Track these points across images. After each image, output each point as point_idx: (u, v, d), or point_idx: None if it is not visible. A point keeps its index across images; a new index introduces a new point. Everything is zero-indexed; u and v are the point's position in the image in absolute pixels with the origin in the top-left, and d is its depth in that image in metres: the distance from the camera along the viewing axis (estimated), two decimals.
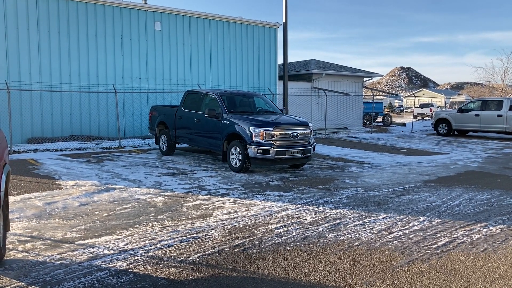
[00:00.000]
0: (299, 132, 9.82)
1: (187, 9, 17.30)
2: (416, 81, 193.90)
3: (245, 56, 19.01)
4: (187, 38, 17.29)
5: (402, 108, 73.01)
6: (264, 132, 9.46)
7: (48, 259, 4.44)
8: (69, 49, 14.73)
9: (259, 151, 9.44)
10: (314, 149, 10.25)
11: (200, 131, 11.12)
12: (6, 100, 12.70)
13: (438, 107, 52.09)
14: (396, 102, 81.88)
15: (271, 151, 9.41)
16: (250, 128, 9.57)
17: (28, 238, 5.09)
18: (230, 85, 18.52)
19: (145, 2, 16.99)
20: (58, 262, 4.38)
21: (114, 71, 15.63)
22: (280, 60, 19.59)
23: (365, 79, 25.33)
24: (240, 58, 18.87)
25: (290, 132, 9.68)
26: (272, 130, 9.49)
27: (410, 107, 72.96)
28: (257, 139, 9.48)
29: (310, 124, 10.25)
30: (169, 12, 16.79)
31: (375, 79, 26.87)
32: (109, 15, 15.45)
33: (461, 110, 20.83)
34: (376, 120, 28.97)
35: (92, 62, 15.20)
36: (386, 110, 44.55)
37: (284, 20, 16.91)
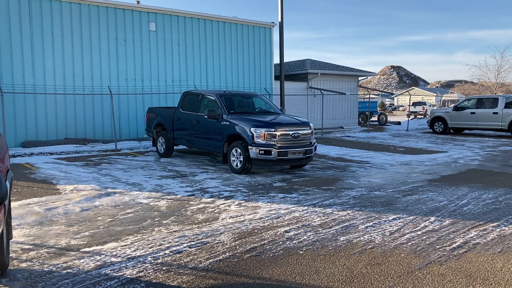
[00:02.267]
0: (300, 132, 9.70)
1: (181, 9, 17.11)
2: (407, 79, 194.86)
3: (240, 56, 18.86)
4: (182, 38, 17.11)
5: (393, 106, 73.25)
6: (266, 132, 9.33)
7: (54, 268, 4.27)
8: (63, 51, 14.48)
9: (260, 152, 9.30)
10: (315, 150, 10.14)
11: (199, 133, 10.96)
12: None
13: (430, 105, 52.34)
14: (387, 101, 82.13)
15: (273, 152, 9.28)
16: (251, 129, 9.43)
17: (31, 246, 4.91)
18: (226, 86, 18.36)
19: (138, 3, 16.77)
20: (64, 271, 4.21)
21: (109, 73, 15.40)
22: (276, 60, 19.48)
23: (360, 78, 25.30)
24: (236, 58, 18.72)
25: (291, 132, 9.56)
26: (274, 131, 9.36)
27: (401, 106, 73.24)
28: (259, 140, 9.34)
29: (311, 124, 10.14)
30: (163, 12, 16.59)
31: (367, 78, 26.84)
32: (103, 16, 15.23)
33: (456, 108, 20.86)
34: (371, 119, 28.97)
35: (87, 63, 14.96)
36: (379, 109, 44.62)
37: (280, 20, 16.79)
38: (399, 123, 29.26)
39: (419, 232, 5.44)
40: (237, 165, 9.73)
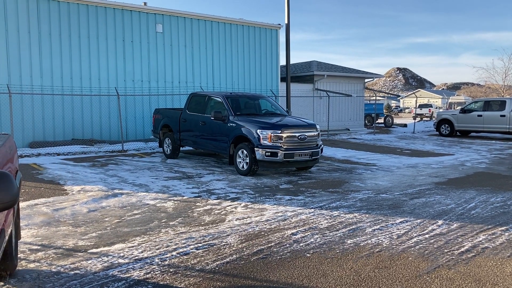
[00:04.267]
0: (307, 134, 9.68)
1: (188, 11, 17.15)
2: (413, 81, 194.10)
3: (247, 58, 18.88)
4: (189, 40, 17.15)
5: (400, 109, 72.97)
6: (272, 134, 9.32)
7: (62, 269, 4.29)
8: (70, 52, 14.56)
9: (267, 154, 9.30)
10: (322, 152, 10.12)
11: (206, 134, 10.97)
12: (7, 104, 12.52)
13: (437, 108, 52.10)
14: (393, 103, 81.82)
15: (279, 154, 9.27)
16: (258, 131, 9.42)
17: (39, 247, 4.93)
18: (233, 87, 18.38)
19: (145, 4, 16.81)
20: (72, 272, 4.22)
21: (116, 74, 15.46)
22: (282, 62, 19.47)
23: (366, 80, 25.23)
24: (242, 60, 18.74)
25: (298, 134, 9.54)
26: (280, 133, 9.35)
27: (407, 108, 72.95)
28: (265, 142, 9.34)
29: (317, 126, 10.12)
30: (170, 14, 16.64)
31: (373, 80, 26.74)
32: (111, 17, 15.29)
33: (463, 111, 20.75)
34: (377, 121, 28.86)
35: (94, 65, 15.03)
36: (385, 111, 44.49)
37: (286, 21, 16.80)
38: (405, 125, 29.14)
39: (426, 236, 5.41)
40: (243, 166, 9.73)
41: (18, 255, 4.60)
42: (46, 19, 14.08)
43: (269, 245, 5.06)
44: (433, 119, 34.70)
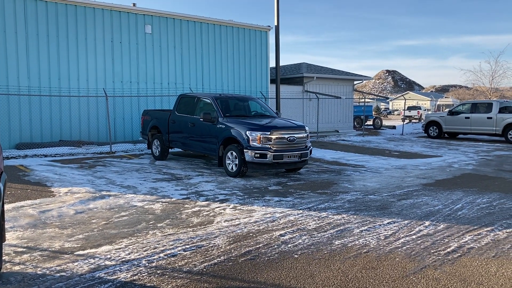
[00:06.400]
0: (296, 136, 9.70)
1: (177, 12, 17.09)
2: (402, 84, 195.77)
3: (236, 60, 18.87)
4: (178, 41, 17.10)
5: (388, 111, 73.47)
6: (261, 136, 9.32)
7: (48, 272, 4.24)
8: (58, 53, 14.43)
9: (256, 155, 9.30)
10: (311, 153, 10.15)
11: (195, 136, 10.94)
12: None
13: (425, 110, 52.56)
14: (382, 105, 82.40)
15: (268, 155, 9.28)
16: (247, 132, 9.42)
17: (24, 249, 4.88)
18: (222, 89, 18.36)
19: (134, 5, 16.72)
20: (58, 274, 4.18)
21: (104, 75, 15.35)
22: (272, 64, 19.52)
23: (355, 82, 25.38)
24: (232, 62, 18.73)
25: (287, 136, 9.56)
26: (269, 134, 9.36)
27: (396, 110, 73.52)
28: (254, 143, 9.34)
29: (306, 128, 10.15)
30: (159, 15, 16.58)
31: (362, 82, 26.91)
32: (99, 18, 15.19)
33: (451, 113, 20.97)
34: (366, 123, 29.02)
35: (82, 65, 14.90)
36: (374, 113, 44.70)
37: (276, 23, 16.83)
38: (394, 127, 29.36)
39: (414, 236, 5.45)
40: (232, 168, 9.72)
41: (3, 258, 4.54)
42: (33, 20, 13.93)
43: (257, 246, 5.05)
44: (422, 121, 35.03)
